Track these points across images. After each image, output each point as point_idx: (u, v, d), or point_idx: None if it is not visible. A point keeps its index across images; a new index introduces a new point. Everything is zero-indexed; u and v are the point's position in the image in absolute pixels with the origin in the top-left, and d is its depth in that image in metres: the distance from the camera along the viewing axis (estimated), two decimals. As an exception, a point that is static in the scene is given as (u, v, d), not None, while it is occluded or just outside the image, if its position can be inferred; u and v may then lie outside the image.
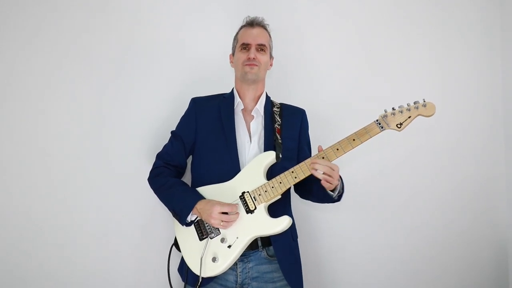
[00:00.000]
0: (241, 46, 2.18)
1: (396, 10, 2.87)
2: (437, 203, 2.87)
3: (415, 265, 2.82)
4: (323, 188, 2.00)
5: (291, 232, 2.11)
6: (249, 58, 2.13)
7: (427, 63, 2.90)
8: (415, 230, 2.83)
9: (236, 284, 2.05)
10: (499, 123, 2.99)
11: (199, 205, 1.98)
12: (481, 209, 2.95)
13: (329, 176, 1.91)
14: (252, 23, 2.21)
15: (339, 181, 2.00)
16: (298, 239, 2.22)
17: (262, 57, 2.17)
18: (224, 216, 1.93)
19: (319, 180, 1.99)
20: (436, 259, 2.85)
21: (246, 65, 2.14)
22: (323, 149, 1.98)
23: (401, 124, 1.96)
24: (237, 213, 1.97)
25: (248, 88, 2.20)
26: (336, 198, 2.04)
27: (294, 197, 2.29)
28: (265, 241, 2.06)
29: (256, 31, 2.19)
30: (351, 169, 2.64)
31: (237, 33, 2.26)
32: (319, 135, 2.38)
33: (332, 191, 2.01)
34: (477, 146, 2.96)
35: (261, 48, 2.17)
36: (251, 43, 2.15)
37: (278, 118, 2.19)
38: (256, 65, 2.14)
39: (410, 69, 2.86)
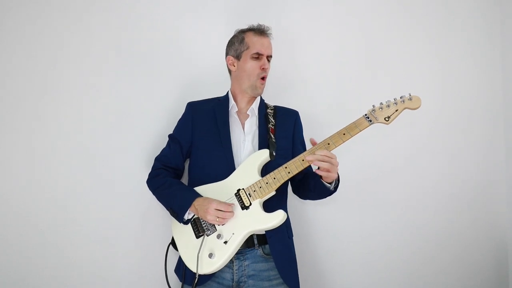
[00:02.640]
0: (253, 55, 2.18)
1: (394, 10, 2.88)
2: (437, 203, 2.86)
3: (414, 265, 2.81)
4: (319, 182, 2.04)
5: (287, 230, 2.14)
6: (264, 68, 2.17)
7: (427, 64, 2.89)
8: (415, 230, 2.82)
9: (233, 282, 2.06)
10: (500, 124, 2.99)
11: (196, 202, 2.01)
12: (481, 210, 2.94)
13: (329, 163, 1.93)
14: (262, 32, 2.21)
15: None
16: (294, 238, 2.23)
17: (268, 68, 2.22)
18: (220, 213, 1.96)
19: (315, 175, 2.03)
20: (436, 260, 2.85)
21: (259, 80, 2.18)
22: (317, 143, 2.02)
23: (389, 117, 2.02)
24: (232, 211, 1.99)
25: (248, 96, 2.25)
26: (332, 189, 2.07)
27: (291, 195, 2.31)
28: (261, 239, 2.08)
29: (267, 41, 2.22)
30: (350, 168, 2.63)
31: (243, 37, 2.22)
32: (314, 136, 2.38)
33: (329, 183, 2.04)
34: (478, 147, 2.95)
35: (268, 59, 2.22)
36: (264, 54, 2.18)
37: (272, 119, 2.22)
38: (265, 78, 2.21)
39: (409, 70, 2.86)
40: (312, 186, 2.11)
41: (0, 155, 2.32)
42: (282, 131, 2.21)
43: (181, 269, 2.09)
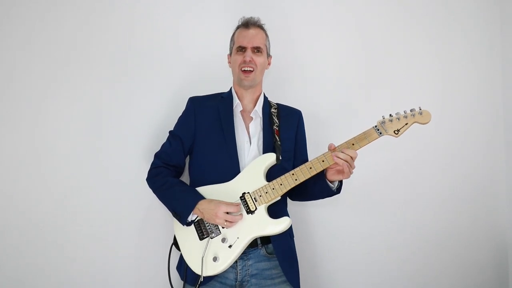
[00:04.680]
0: (237, 48, 2.18)
1: (395, 10, 2.87)
2: (437, 203, 2.87)
3: (414, 265, 2.82)
4: (322, 181, 2.05)
5: (289, 231, 2.12)
6: (244, 60, 2.14)
7: (427, 63, 2.90)
8: (415, 230, 2.83)
9: (236, 282, 2.07)
10: (500, 124, 3.00)
11: (201, 205, 2.00)
12: (481, 210, 2.96)
13: (350, 166, 1.98)
14: (247, 24, 2.19)
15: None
16: (294, 238, 2.23)
17: (258, 59, 2.16)
18: (229, 216, 1.96)
19: (316, 176, 2.03)
20: (436, 260, 2.86)
21: (242, 72, 2.15)
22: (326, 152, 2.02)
23: (398, 130, 2.03)
24: (241, 214, 2.00)
25: (245, 91, 2.22)
26: (335, 190, 2.09)
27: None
28: (264, 239, 2.08)
29: (251, 32, 2.18)
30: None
31: (233, 34, 2.25)
32: (316, 136, 2.39)
33: (331, 182, 2.06)
34: (478, 147, 2.96)
35: (257, 49, 2.17)
36: (247, 46, 2.15)
37: (276, 119, 2.20)
38: (252, 70, 2.15)
39: (409, 70, 2.86)
40: (311, 184, 2.12)
41: (1, 154, 2.30)
42: (286, 131, 2.19)
43: (183, 268, 2.08)
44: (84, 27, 2.43)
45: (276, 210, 2.05)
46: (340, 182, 2.11)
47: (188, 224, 2.06)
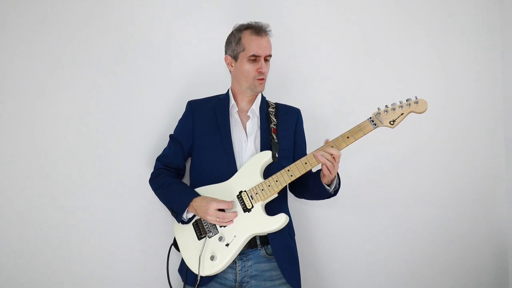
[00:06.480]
0: (250, 57, 2.11)
1: (395, 9, 2.87)
2: (438, 203, 2.87)
3: (414, 266, 2.82)
4: (319, 183, 2.03)
5: (289, 230, 2.13)
6: (261, 72, 2.12)
7: (427, 63, 2.89)
8: (416, 231, 2.83)
9: (235, 283, 2.06)
10: (500, 124, 2.99)
11: (195, 202, 2.01)
12: (481, 210, 2.95)
13: (330, 163, 1.93)
14: (259, 31, 2.14)
15: (335, 176, 2.03)
16: (296, 237, 2.23)
17: (267, 67, 2.17)
18: (220, 213, 1.95)
19: (315, 175, 2.03)
20: (436, 260, 2.85)
21: (256, 80, 2.13)
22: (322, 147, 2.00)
23: (394, 121, 1.98)
24: (235, 211, 1.99)
25: (248, 95, 2.22)
26: (332, 192, 2.07)
27: (291, 195, 2.31)
28: (264, 240, 2.08)
29: (265, 41, 2.14)
30: (351, 168, 2.63)
31: (240, 37, 2.15)
32: (316, 135, 2.38)
33: (329, 185, 2.04)
34: (478, 147, 2.96)
35: (267, 58, 2.16)
36: (261, 55, 2.12)
37: (273, 118, 2.20)
38: (264, 78, 2.15)
39: (409, 70, 2.86)
40: (311, 185, 2.11)
41: (1, 155, 2.31)
42: (284, 130, 2.19)
43: (184, 269, 2.09)
44: (83, 32, 2.43)
45: (275, 208, 2.04)
46: (338, 185, 2.09)
47: (184, 222, 2.06)
